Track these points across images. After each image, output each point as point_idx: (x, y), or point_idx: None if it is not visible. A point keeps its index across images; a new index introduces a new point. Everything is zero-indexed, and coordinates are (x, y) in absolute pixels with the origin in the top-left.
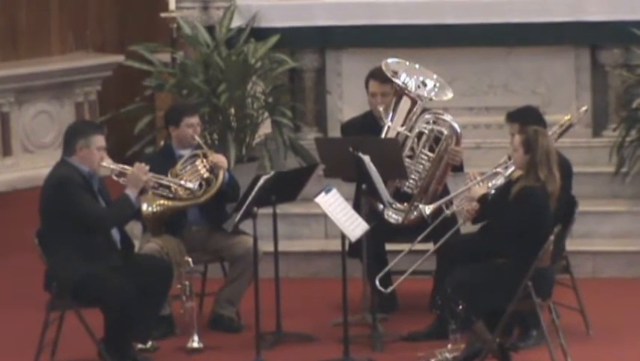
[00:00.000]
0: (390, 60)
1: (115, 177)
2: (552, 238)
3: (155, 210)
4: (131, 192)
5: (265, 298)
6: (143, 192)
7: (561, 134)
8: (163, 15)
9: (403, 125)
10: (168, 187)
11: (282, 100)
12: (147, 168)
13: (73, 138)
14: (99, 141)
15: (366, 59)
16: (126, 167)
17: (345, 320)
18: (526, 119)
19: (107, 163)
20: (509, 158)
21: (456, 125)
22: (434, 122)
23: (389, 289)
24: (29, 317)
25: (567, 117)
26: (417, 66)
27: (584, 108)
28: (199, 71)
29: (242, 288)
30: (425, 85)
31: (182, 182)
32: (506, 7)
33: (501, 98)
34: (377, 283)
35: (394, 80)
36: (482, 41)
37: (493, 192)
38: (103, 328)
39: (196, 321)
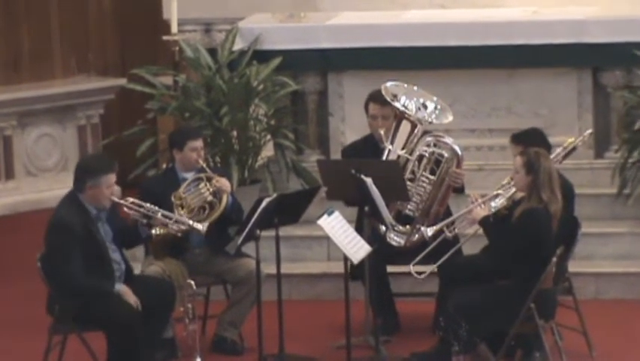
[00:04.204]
0: (389, 83)
1: (125, 210)
2: (555, 259)
3: (158, 232)
4: (122, 292)
5: (268, 320)
6: (151, 224)
7: (565, 157)
8: (165, 38)
9: (403, 149)
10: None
11: (285, 122)
12: (135, 303)
13: (82, 176)
14: (110, 179)
15: (368, 82)
16: (135, 201)
17: (348, 343)
18: (530, 141)
19: (117, 199)
20: (512, 179)
21: (457, 148)
22: (435, 145)
23: (423, 276)
24: (32, 341)
25: (570, 140)
26: (415, 88)
27: (588, 131)
28: (201, 94)
29: (244, 310)
30: (426, 107)
31: (191, 222)
32: (508, 30)
33: (503, 120)
34: (411, 269)
35: (394, 103)
36: (484, 63)
37: (494, 212)
38: (105, 351)
39: (199, 344)
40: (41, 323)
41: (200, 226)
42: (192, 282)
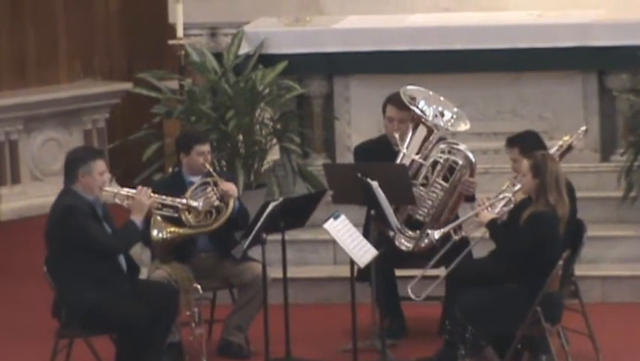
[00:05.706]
0: (409, 87)
1: (118, 201)
2: (561, 262)
3: (165, 236)
4: (137, 218)
5: (274, 324)
6: (148, 213)
7: (561, 156)
8: (171, 42)
9: (418, 153)
10: (172, 207)
11: (290, 126)
12: (149, 191)
13: (74, 165)
14: (100, 165)
15: (374, 86)
16: (129, 190)
17: (355, 346)
18: (525, 143)
19: (110, 187)
20: (512, 184)
21: (471, 156)
22: (449, 152)
23: (422, 297)
24: (38, 346)
25: (566, 138)
26: (438, 96)
27: (582, 128)
28: (207, 98)
29: (251, 314)
30: (443, 115)
31: (185, 200)
32: (514, 33)
33: (509, 124)
34: (409, 290)
35: (412, 107)
36: (490, 67)
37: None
38: (111, 356)
39: (205, 348)
40: (48, 327)
41: (195, 203)
42: (198, 286)
